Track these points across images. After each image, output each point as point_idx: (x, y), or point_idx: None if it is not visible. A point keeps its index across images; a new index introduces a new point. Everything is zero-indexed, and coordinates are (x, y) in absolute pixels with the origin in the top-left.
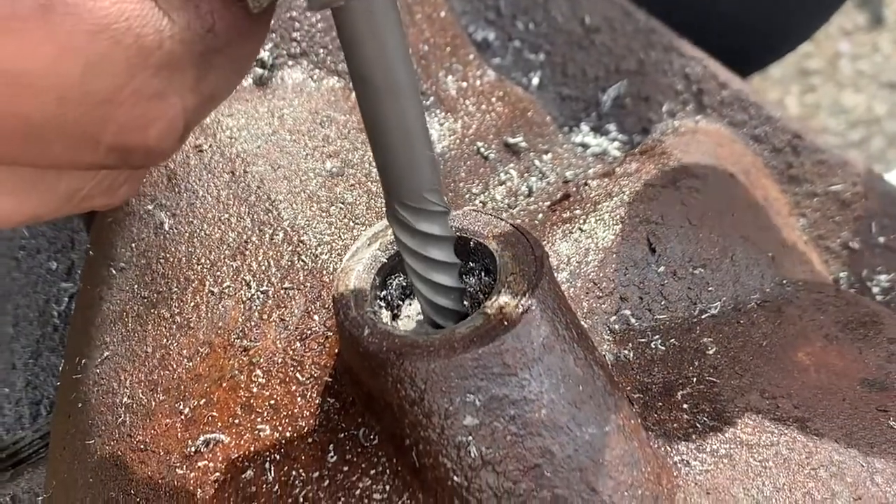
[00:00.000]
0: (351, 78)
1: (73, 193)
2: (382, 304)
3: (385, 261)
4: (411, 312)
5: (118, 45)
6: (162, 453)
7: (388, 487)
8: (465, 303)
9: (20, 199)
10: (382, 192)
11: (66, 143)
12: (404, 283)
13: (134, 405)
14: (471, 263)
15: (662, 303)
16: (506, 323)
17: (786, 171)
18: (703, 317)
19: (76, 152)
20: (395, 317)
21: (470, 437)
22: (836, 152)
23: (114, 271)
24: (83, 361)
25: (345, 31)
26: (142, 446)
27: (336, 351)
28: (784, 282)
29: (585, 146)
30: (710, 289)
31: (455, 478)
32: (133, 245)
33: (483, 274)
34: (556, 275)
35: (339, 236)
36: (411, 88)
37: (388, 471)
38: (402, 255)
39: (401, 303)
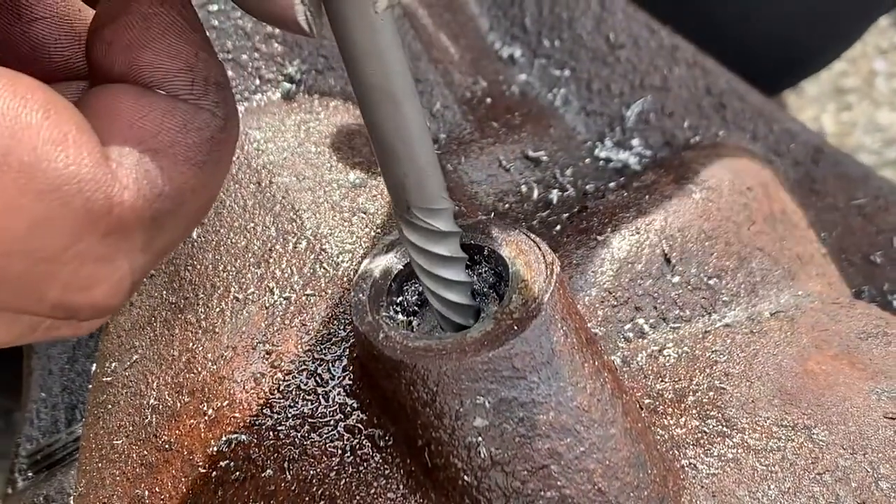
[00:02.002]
0: (363, 98)
1: (36, 325)
2: (398, 309)
3: (401, 268)
4: (426, 318)
5: (66, 208)
6: (186, 453)
7: (401, 486)
8: (476, 299)
9: None
10: (393, 198)
11: (11, 294)
12: (420, 290)
13: (160, 406)
14: (479, 266)
15: (676, 312)
16: (516, 328)
17: (807, 184)
18: (716, 326)
19: (21, 303)
20: (410, 323)
21: (480, 438)
22: (858, 166)
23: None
24: (113, 365)
25: (347, 47)
26: (167, 446)
27: (355, 355)
28: (799, 293)
29: (608, 160)
30: (724, 299)
31: (465, 477)
32: None
33: (487, 272)
34: (571, 283)
35: (361, 245)
36: (416, 97)
37: (401, 471)
38: (410, 253)
39: (416, 309)
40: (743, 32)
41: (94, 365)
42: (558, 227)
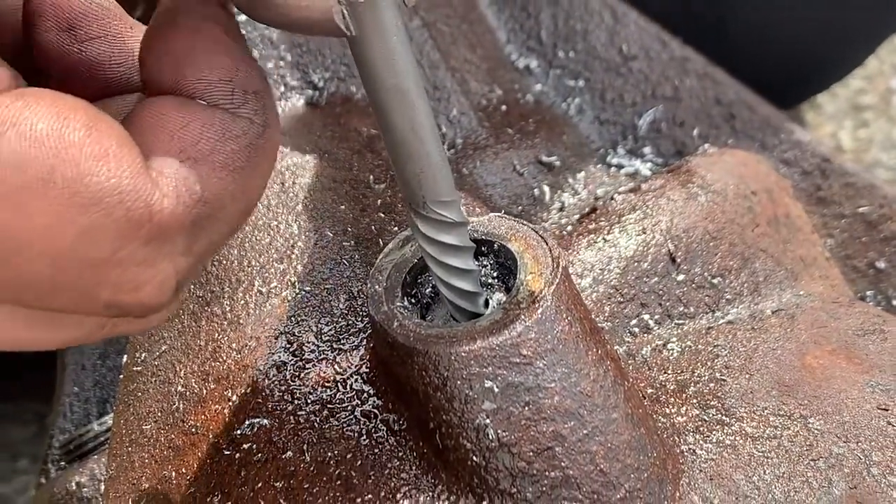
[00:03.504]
0: (380, 100)
1: (102, 324)
2: (413, 300)
3: (415, 261)
4: (439, 309)
5: (109, 218)
6: (211, 436)
7: (414, 467)
8: (484, 292)
9: (53, 330)
10: (408, 194)
11: (66, 298)
12: (433, 282)
13: (187, 393)
14: (485, 259)
15: (681, 309)
16: (523, 317)
17: (814, 193)
18: (719, 323)
19: (77, 305)
20: (423, 314)
21: (488, 421)
22: (864, 175)
23: None
24: (143, 355)
25: (365, 53)
26: (193, 430)
27: (371, 345)
28: (801, 293)
29: (620, 166)
30: (727, 297)
31: (474, 458)
32: None
33: (493, 264)
34: (580, 281)
35: (378, 241)
36: (427, 98)
37: (415, 453)
38: (422, 244)
39: (430, 300)
40: (755, 46)
41: (125, 356)
42: (569, 228)
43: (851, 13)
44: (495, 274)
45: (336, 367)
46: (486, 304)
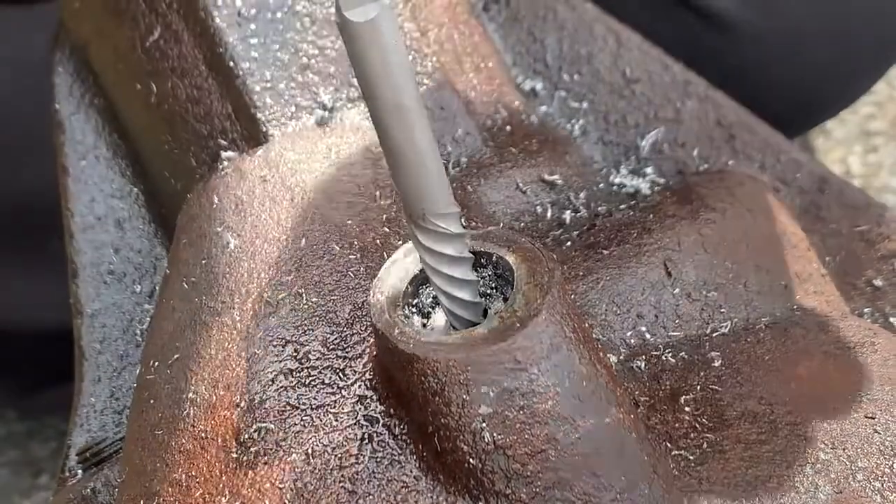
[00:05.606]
0: (380, 115)
1: None
2: (414, 310)
3: (417, 272)
4: (439, 319)
5: None
6: (220, 441)
7: (414, 470)
8: (483, 302)
9: None
10: (408, 206)
11: None
12: (434, 293)
13: (198, 400)
14: (485, 270)
15: (676, 321)
16: (518, 325)
17: (812, 211)
18: (713, 335)
19: None
20: (424, 323)
21: (484, 425)
22: (861, 195)
23: (185, 285)
24: (156, 364)
25: (365, 73)
26: (203, 435)
27: (374, 352)
28: (795, 307)
29: (622, 186)
30: (721, 310)
31: (471, 460)
32: (203, 262)
33: (491, 275)
34: (579, 293)
35: (382, 253)
36: (426, 112)
37: (414, 456)
38: (422, 255)
39: (431, 311)
40: (762, 75)
41: (140, 366)
42: (568, 244)
43: (858, 38)
44: (493, 284)
45: (340, 374)
46: (485, 313)
